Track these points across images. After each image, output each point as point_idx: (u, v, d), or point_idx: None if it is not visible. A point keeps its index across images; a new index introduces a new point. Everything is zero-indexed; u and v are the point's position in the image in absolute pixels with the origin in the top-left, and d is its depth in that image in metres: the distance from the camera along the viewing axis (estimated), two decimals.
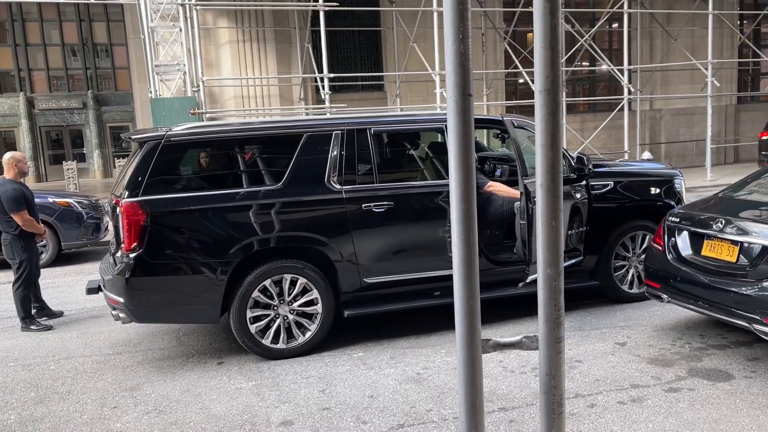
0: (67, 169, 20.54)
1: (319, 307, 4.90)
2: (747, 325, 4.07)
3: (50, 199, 9.36)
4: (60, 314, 6.36)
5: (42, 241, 6.34)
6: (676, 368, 4.35)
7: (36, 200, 9.25)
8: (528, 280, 5.11)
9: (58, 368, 4.95)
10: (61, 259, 9.42)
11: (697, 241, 4.62)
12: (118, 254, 4.72)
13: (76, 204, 9.44)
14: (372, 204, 4.96)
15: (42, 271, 8.86)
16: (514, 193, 5.45)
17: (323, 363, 4.76)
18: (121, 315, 4.70)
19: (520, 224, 5.17)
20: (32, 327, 5.95)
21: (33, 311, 6.13)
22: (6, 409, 4.21)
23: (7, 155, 6.05)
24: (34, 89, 27.79)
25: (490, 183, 5.62)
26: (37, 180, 26.73)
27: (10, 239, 6.01)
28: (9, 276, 8.63)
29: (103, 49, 28.63)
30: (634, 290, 5.88)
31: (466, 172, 1.79)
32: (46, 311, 6.30)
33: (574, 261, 5.48)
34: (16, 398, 4.39)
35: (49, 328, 5.98)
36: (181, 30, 13.20)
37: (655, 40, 19.05)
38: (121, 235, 4.59)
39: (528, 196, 4.99)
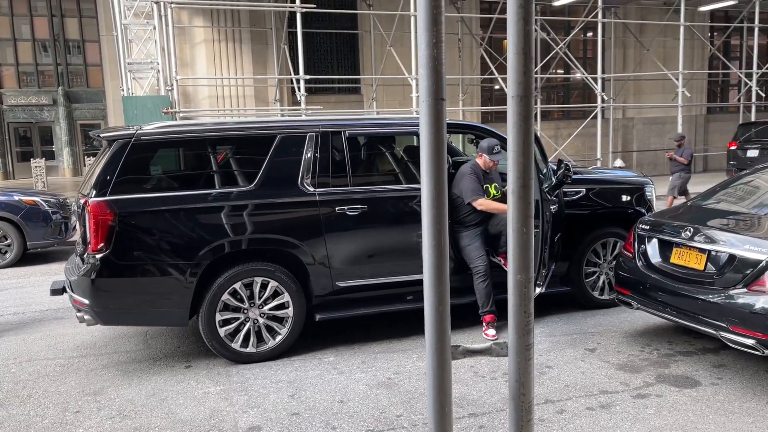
0: (35, 167, 20.13)
1: (290, 311, 4.84)
2: (714, 332, 4.12)
3: (16, 197, 9.16)
4: None
5: None
6: (645, 374, 4.39)
7: (1, 198, 9.14)
8: (537, 292, 5.19)
9: (19, 371, 4.82)
10: (27, 258, 9.20)
11: (666, 248, 4.68)
12: (85, 255, 4.61)
13: (43, 203, 9.23)
14: (346, 207, 4.93)
15: (6, 270, 8.70)
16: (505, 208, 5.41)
17: (293, 367, 4.71)
18: (86, 317, 4.58)
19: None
20: None
21: None
22: None
23: None
24: (2, 84, 27.18)
25: (479, 201, 5.24)
26: (4, 178, 26.15)
27: None
28: None
29: (75, 45, 28.13)
30: (605, 297, 5.94)
31: (437, 176, 1.78)
32: None
33: (550, 274, 5.51)
34: None
35: None
36: (155, 28, 13.04)
37: (629, 49, 19.38)
38: (88, 235, 4.49)
39: (544, 203, 5.11)
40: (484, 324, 5.25)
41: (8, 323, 6.10)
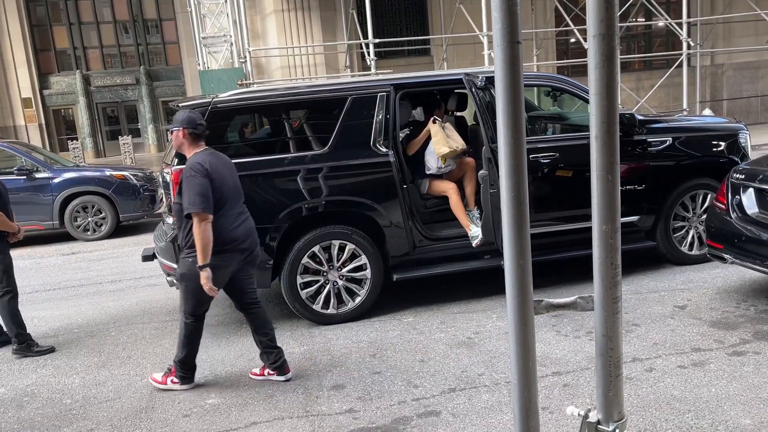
0: (123, 144, 21.09)
1: (367, 273, 4.88)
2: None
3: (107, 173, 9.66)
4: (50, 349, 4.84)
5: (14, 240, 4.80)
6: (741, 331, 4.16)
7: (93, 174, 9.64)
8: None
9: (118, 334, 5.12)
10: (120, 230, 9.72)
11: (764, 198, 4.37)
12: (170, 221, 4.80)
13: (131, 177, 9.71)
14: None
15: (102, 242, 9.22)
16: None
17: (373, 328, 4.77)
18: (175, 281, 4.79)
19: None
20: (33, 349, 4.78)
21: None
22: (71, 373, 4.39)
23: None
24: (89, 67, 28.48)
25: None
26: (95, 156, 27.60)
27: None
28: (70, 247, 8.99)
29: (153, 24, 29.02)
30: (694, 252, 5.65)
31: (515, 126, 1.71)
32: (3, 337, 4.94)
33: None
34: (80, 363, 4.56)
35: (50, 350, 4.80)
36: (226, 1, 13.25)
37: None
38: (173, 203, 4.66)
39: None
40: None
41: (107, 291, 6.49)
